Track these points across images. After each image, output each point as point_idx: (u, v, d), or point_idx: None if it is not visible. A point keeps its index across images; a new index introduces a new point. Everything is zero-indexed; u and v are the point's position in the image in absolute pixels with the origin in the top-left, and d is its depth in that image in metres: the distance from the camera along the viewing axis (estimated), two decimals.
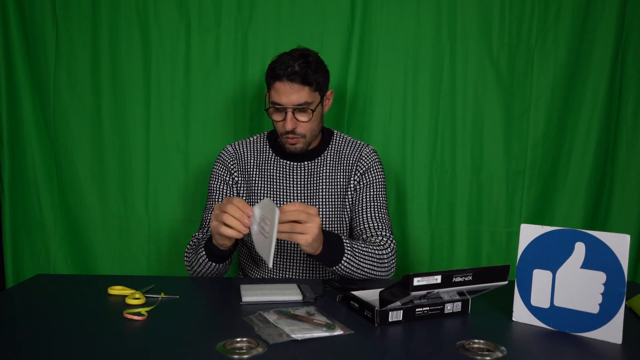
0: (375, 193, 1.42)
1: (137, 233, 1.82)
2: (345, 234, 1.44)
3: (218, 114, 1.80)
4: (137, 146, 1.80)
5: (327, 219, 1.41)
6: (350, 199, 1.44)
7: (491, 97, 1.79)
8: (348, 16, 1.77)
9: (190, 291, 1.11)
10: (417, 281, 0.87)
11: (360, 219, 1.39)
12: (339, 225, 1.42)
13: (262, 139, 1.50)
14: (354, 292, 1.03)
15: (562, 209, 1.82)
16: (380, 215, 1.39)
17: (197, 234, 1.40)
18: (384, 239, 1.34)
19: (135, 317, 0.91)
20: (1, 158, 1.79)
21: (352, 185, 1.43)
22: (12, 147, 1.79)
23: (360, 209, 1.40)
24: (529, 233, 0.95)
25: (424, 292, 0.89)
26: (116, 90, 1.78)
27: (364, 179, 1.43)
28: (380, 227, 1.36)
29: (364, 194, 1.42)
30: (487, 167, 1.81)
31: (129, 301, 1.02)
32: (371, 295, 1.02)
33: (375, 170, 1.44)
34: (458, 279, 0.91)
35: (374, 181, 1.43)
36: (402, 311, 0.94)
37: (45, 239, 1.83)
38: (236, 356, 0.78)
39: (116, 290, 1.09)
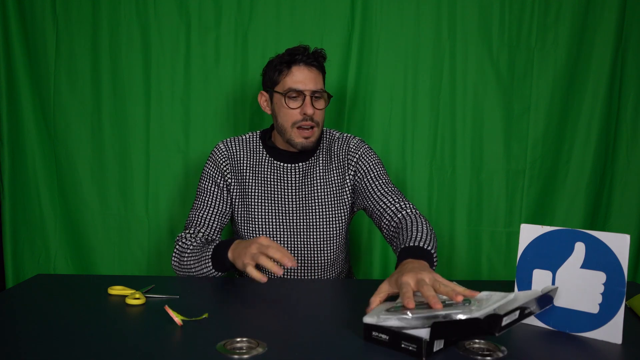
0: (378, 173, 1.38)
1: (137, 233, 1.82)
2: (343, 230, 1.43)
3: (218, 114, 1.80)
4: (137, 146, 1.80)
5: (324, 219, 1.41)
6: (350, 192, 1.41)
7: (491, 97, 1.79)
8: (348, 16, 1.77)
9: (190, 291, 1.11)
10: (505, 321, 0.74)
11: (379, 203, 1.33)
12: (336, 223, 1.42)
13: (254, 138, 1.46)
14: (369, 322, 0.82)
15: (562, 209, 1.82)
16: (390, 189, 1.35)
17: (183, 234, 1.37)
18: (407, 210, 1.29)
19: (175, 318, 0.91)
20: (1, 158, 1.79)
21: (348, 180, 1.41)
22: (12, 147, 1.79)
23: (372, 194, 1.35)
24: (528, 233, 0.95)
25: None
26: (116, 90, 1.79)
27: (360, 167, 1.40)
28: (397, 199, 1.32)
29: (369, 179, 1.37)
30: (487, 167, 1.81)
31: (130, 301, 1.02)
32: (383, 318, 0.81)
33: (367, 155, 1.41)
34: (527, 312, 0.83)
35: (371, 163, 1.40)
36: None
37: (45, 239, 1.83)
38: (236, 356, 0.78)
39: (116, 290, 1.09)
